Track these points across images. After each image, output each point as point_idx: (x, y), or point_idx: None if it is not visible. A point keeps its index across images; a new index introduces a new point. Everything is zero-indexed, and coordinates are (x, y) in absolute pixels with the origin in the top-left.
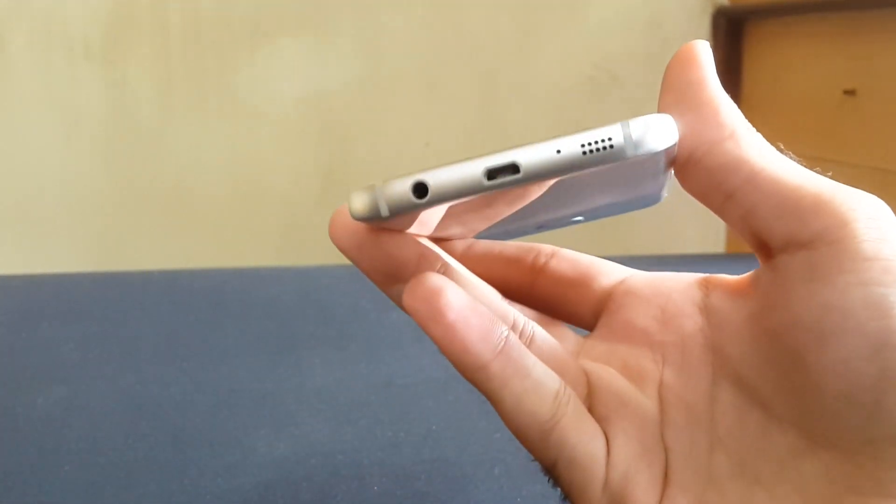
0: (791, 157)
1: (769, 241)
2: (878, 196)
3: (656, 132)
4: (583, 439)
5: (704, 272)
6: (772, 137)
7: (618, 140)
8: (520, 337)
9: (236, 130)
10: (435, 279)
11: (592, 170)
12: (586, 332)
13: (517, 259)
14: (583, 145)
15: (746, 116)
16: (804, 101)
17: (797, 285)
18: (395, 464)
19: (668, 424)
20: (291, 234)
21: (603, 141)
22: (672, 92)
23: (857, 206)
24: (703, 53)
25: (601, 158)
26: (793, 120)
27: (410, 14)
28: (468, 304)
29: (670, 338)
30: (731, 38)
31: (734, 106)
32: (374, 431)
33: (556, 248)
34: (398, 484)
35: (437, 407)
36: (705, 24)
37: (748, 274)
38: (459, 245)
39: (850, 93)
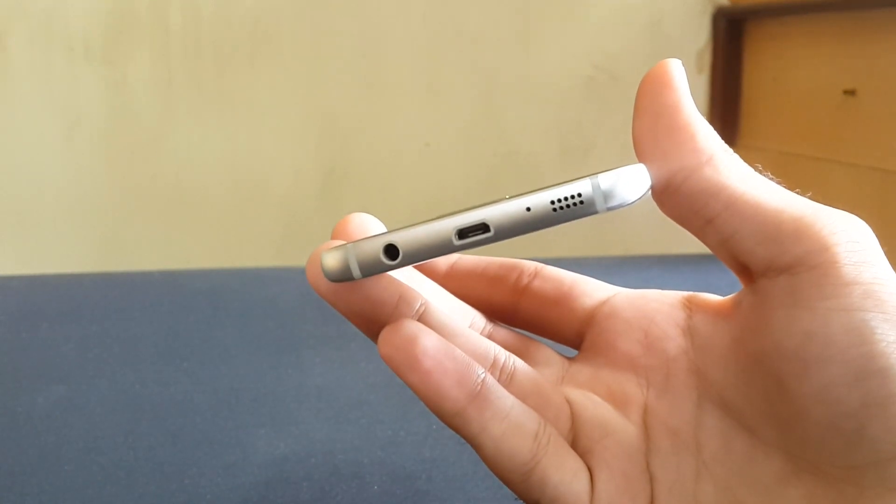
0: (770, 179)
1: (750, 266)
2: (878, 196)
3: (626, 184)
4: (565, 478)
5: (704, 272)
6: (772, 137)
7: (587, 195)
8: (500, 373)
9: (236, 130)
10: (409, 326)
11: (565, 223)
12: (572, 348)
13: (500, 278)
14: (553, 202)
15: (746, 117)
16: (804, 101)
17: (779, 311)
18: (395, 463)
19: (654, 452)
20: (291, 234)
21: (573, 197)
22: (646, 116)
23: (838, 229)
24: (677, 74)
25: (572, 214)
26: (793, 120)
27: (410, 14)
28: (443, 349)
29: (654, 361)
30: (731, 38)
31: (711, 129)
32: (375, 430)
33: (540, 266)
34: (398, 483)
35: None
36: (705, 24)
37: (731, 296)
38: (442, 264)
39: (850, 93)
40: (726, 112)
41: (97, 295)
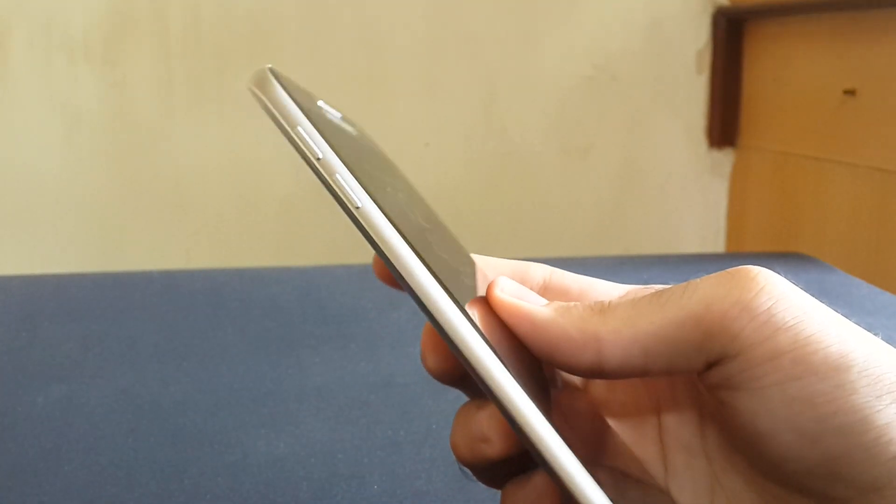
0: (652, 289)
1: (694, 371)
2: (878, 196)
3: None
4: None
5: (704, 272)
6: (772, 137)
7: None
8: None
9: (236, 130)
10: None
11: None
12: None
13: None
14: None
15: (746, 117)
16: (804, 101)
17: (722, 393)
18: (395, 463)
19: (672, 473)
20: (291, 234)
21: None
22: (532, 347)
23: (737, 310)
24: (505, 293)
25: None
26: (793, 120)
27: (411, 14)
28: None
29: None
30: (731, 38)
31: (575, 311)
32: (374, 431)
33: (548, 275)
34: (398, 483)
35: (436, 406)
36: (705, 24)
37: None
38: None
39: (850, 93)
40: (726, 112)
41: (97, 295)
